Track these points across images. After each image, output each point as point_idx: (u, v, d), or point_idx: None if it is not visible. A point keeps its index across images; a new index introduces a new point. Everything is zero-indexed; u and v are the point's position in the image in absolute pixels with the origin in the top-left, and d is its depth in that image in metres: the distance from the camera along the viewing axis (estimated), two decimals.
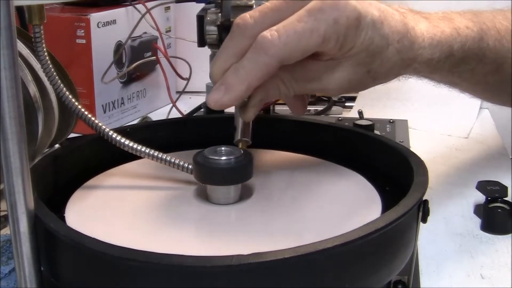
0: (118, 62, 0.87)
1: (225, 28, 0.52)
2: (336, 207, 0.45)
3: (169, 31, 0.99)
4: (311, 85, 0.48)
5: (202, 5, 0.80)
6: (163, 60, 0.82)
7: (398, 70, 0.49)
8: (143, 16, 0.85)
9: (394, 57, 0.47)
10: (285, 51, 0.43)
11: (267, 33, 0.43)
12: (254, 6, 0.52)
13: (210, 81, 0.72)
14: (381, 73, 0.48)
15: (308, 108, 0.87)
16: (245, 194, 0.46)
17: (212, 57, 0.66)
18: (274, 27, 0.43)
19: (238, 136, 0.49)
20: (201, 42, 0.57)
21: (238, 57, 0.44)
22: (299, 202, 0.46)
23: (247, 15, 0.44)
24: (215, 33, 0.55)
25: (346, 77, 0.47)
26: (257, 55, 0.43)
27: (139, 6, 0.88)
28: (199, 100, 0.93)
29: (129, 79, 0.91)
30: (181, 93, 0.87)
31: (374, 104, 0.92)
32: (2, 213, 0.57)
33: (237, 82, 0.44)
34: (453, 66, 0.54)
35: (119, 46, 0.87)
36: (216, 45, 0.57)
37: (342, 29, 0.43)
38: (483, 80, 0.60)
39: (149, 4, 0.88)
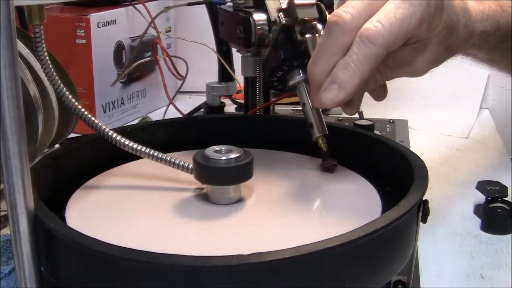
0: (118, 62, 0.87)
1: (287, 28, 0.52)
2: (336, 207, 0.45)
3: (169, 31, 0.99)
4: (403, 69, 0.49)
5: (202, 5, 0.80)
6: (161, 59, 0.82)
7: (465, 44, 0.52)
8: (150, 24, 0.85)
9: (463, 31, 0.50)
10: (391, 39, 0.44)
11: (370, 25, 0.44)
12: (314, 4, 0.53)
13: (210, 81, 0.72)
14: (454, 48, 0.51)
15: None
16: (245, 194, 0.46)
17: (248, 58, 0.66)
18: (374, 19, 0.44)
19: (316, 133, 0.50)
20: (248, 43, 0.57)
21: (341, 55, 0.45)
22: (299, 202, 0.46)
23: (342, 12, 0.45)
24: (266, 32, 0.55)
25: (432, 57, 0.49)
26: (365, 47, 0.44)
27: (139, 6, 0.88)
28: (199, 100, 0.93)
29: (129, 79, 0.91)
30: (177, 92, 0.87)
31: (374, 104, 0.91)
32: (2, 213, 0.56)
33: (350, 78, 0.44)
34: (499, 41, 0.56)
35: (119, 46, 0.87)
36: (262, 46, 0.57)
37: (433, 10, 0.45)
38: None
39: (150, 5, 0.88)
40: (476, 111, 0.91)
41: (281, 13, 0.53)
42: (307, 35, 0.50)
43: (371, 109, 0.83)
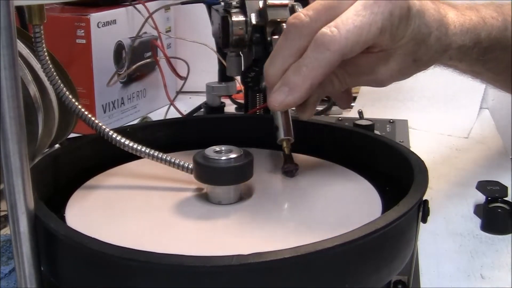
0: (118, 62, 0.87)
1: (259, 28, 0.52)
2: (336, 207, 0.45)
3: (169, 31, 0.99)
4: (364, 77, 0.49)
5: (202, 5, 0.80)
6: (162, 59, 0.82)
7: (438, 57, 0.51)
8: (146, 19, 0.85)
9: (435, 44, 0.49)
10: (347, 46, 0.43)
11: (327, 30, 0.43)
12: (288, 5, 0.52)
13: (210, 81, 0.72)
14: (424, 61, 0.50)
15: None
16: (245, 194, 0.46)
17: (232, 58, 0.66)
18: (332, 23, 0.43)
19: (282, 135, 0.49)
20: (226, 44, 0.57)
21: (297, 57, 0.44)
22: (299, 202, 0.46)
23: (301, 14, 0.45)
24: (244, 33, 0.55)
25: (396, 67, 0.48)
26: (319, 52, 0.43)
27: (139, 6, 0.88)
28: (199, 100, 0.93)
29: (129, 79, 0.91)
30: (178, 92, 0.87)
31: (374, 104, 0.92)
32: (2, 213, 0.57)
33: (300, 82, 0.44)
34: (480, 54, 0.56)
35: (119, 46, 0.87)
36: (241, 46, 0.57)
37: (396, 20, 0.45)
38: (506, 71, 0.62)
39: (150, 5, 0.88)
40: (476, 111, 0.91)
41: (253, 14, 0.53)
42: (274, 36, 0.50)
43: (371, 109, 0.83)
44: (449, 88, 0.92)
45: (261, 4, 0.54)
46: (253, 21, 0.52)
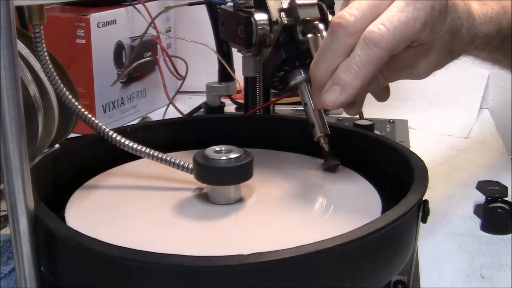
0: (118, 62, 0.87)
1: (289, 28, 0.52)
2: (336, 207, 0.45)
3: (169, 31, 0.99)
4: (405, 72, 0.50)
5: (202, 5, 0.80)
6: (161, 59, 0.82)
7: (468, 47, 0.52)
8: (150, 24, 0.84)
9: (466, 35, 0.50)
10: (394, 42, 0.44)
11: (374, 28, 0.44)
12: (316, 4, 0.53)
13: (210, 81, 0.72)
14: (457, 51, 0.51)
15: None
16: (245, 194, 0.46)
17: (248, 58, 0.66)
18: (378, 21, 0.44)
19: (318, 132, 0.50)
20: (249, 43, 0.57)
21: (345, 56, 0.45)
22: (299, 202, 0.46)
23: (345, 14, 0.45)
24: (268, 33, 0.55)
25: (434, 60, 0.49)
26: (369, 50, 0.44)
27: (139, 6, 0.88)
28: (199, 100, 0.93)
29: (129, 79, 0.91)
30: (176, 92, 0.87)
31: (374, 104, 0.91)
32: (2, 213, 0.56)
33: (352, 79, 0.45)
34: (500, 43, 0.57)
35: (119, 46, 0.87)
36: (264, 45, 0.57)
37: (436, 14, 0.46)
38: None
39: (150, 5, 0.88)
40: (476, 111, 0.91)
41: (282, 13, 0.53)
42: (309, 35, 0.50)
43: (371, 109, 0.83)
44: (449, 88, 0.92)
45: (284, 3, 0.54)
46: (284, 20, 0.52)
